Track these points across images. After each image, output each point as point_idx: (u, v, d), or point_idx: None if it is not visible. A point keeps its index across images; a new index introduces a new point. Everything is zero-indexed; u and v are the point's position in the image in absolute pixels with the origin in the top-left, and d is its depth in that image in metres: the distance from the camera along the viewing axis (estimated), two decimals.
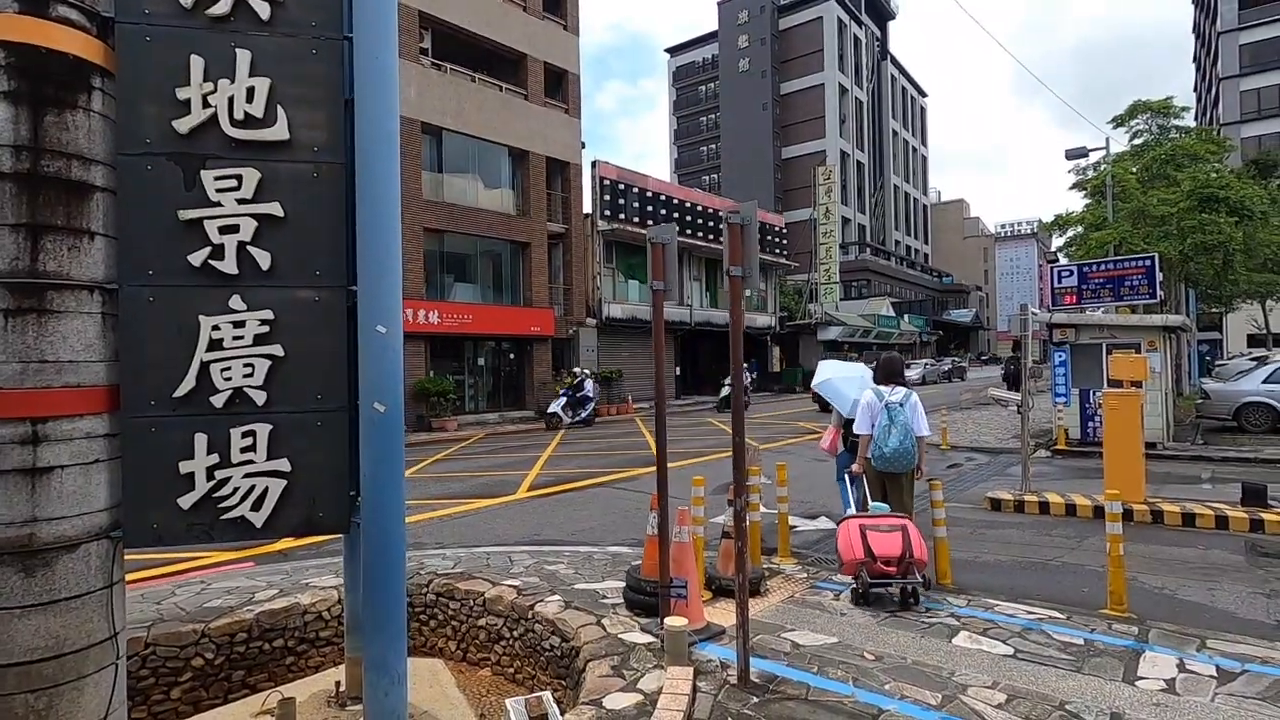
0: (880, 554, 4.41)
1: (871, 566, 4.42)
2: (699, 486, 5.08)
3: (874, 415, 5.20)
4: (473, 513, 8.17)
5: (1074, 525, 6.92)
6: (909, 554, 4.39)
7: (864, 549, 4.45)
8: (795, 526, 7.20)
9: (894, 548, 4.41)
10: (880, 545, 4.44)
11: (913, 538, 4.48)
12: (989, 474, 10.36)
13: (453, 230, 21.54)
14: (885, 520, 4.64)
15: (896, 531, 4.50)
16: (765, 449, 13.46)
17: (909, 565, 4.39)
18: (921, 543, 4.54)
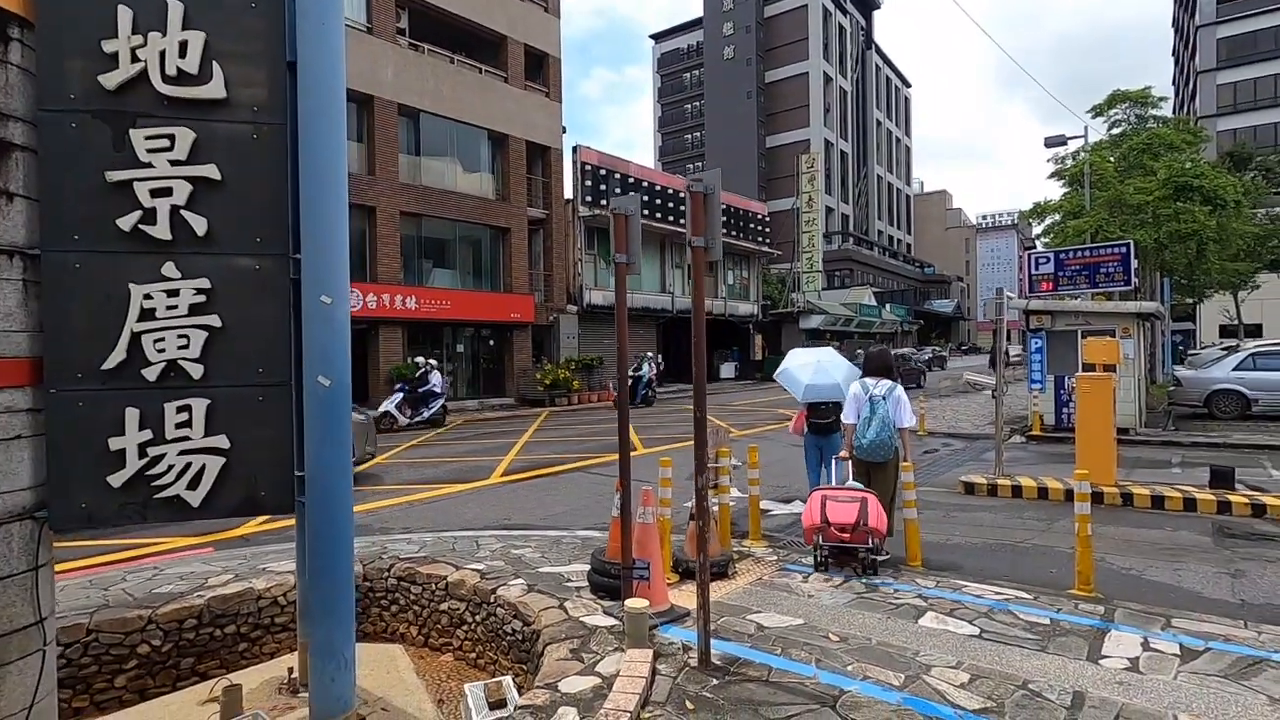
0: (835, 521, 4.64)
1: (827, 532, 4.67)
2: (666, 468, 4.98)
3: (859, 406, 5.41)
4: (444, 498, 8.03)
5: (1045, 508, 6.93)
6: (863, 523, 4.58)
7: (821, 516, 4.70)
8: (769, 510, 7.16)
9: (849, 516, 4.62)
10: (836, 514, 4.67)
11: (870, 509, 4.64)
12: (964, 459, 10.40)
13: (431, 214, 21.21)
14: (846, 492, 4.84)
15: (855, 503, 4.70)
16: (743, 435, 13.45)
17: (863, 533, 4.59)
18: (880, 514, 4.69)
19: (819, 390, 6.55)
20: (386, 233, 19.84)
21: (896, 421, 5.29)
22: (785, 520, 6.85)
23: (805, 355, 7.03)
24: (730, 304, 34.07)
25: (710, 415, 13.16)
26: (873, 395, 5.34)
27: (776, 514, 7.10)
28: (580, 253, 26.25)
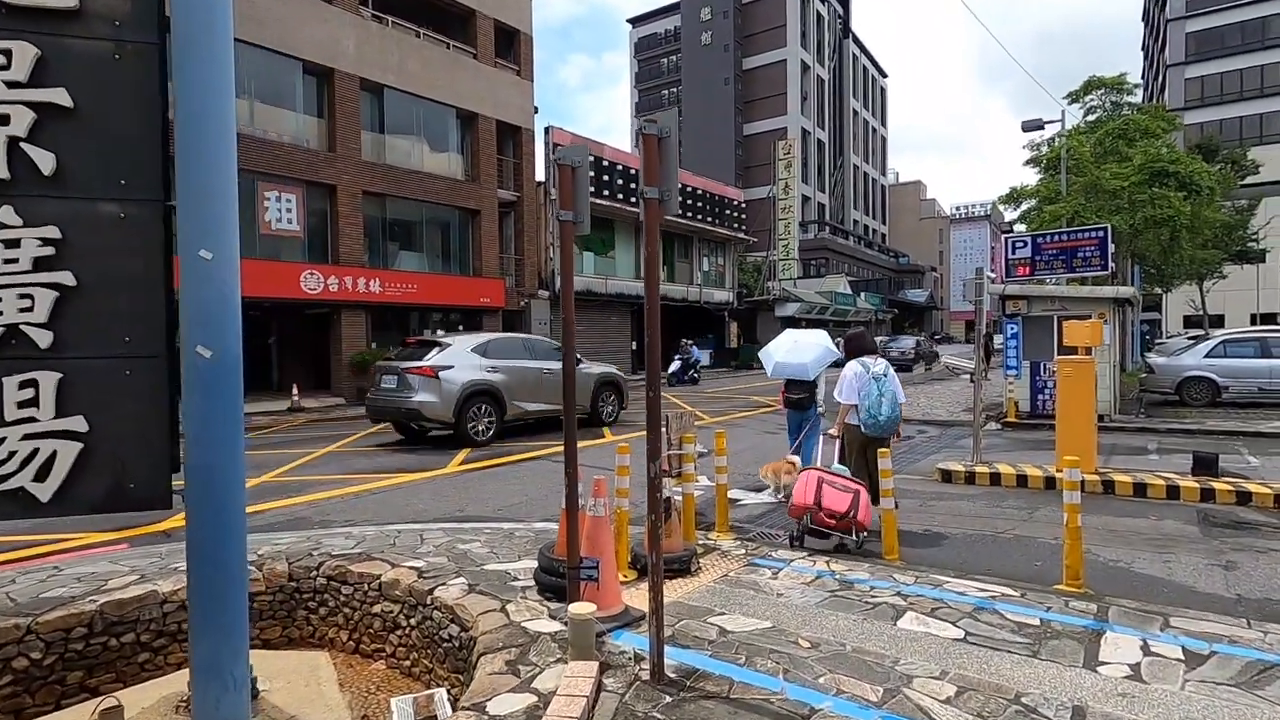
0: (827, 507, 4.77)
1: (816, 515, 4.79)
2: (625, 454, 4.56)
3: (862, 386, 5.53)
4: (395, 488, 7.54)
5: (1025, 496, 6.67)
6: (854, 513, 4.75)
7: (815, 498, 4.81)
8: (738, 500, 6.80)
9: (842, 504, 4.76)
10: (830, 500, 4.78)
11: (861, 501, 4.80)
12: (940, 446, 10.16)
13: (396, 195, 20.47)
14: (843, 480, 4.94)
15: (850, 493, 4.83)
16: (717, 422, 13.10)
17: (850, 523, 4.76)
18: (868, 509, 4.84)
19: (787, 368, 7.16)
20: (348, 213, 19.08)
21: (900, 397, 5.58)
22: (756, 510, 6.49)
23: (791, 335, 7.62)
24: (705, 291, 33.72)
25: (679, 401, 12.82)
26: (875, 375, 5.50)
27: (746, 503, 6.74)
28: (553, 236, 25.63)
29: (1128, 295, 11.62)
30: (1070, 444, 6.83)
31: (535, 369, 11.39)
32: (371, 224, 20.20)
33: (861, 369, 5.55)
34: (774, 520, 6.10)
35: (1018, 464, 7.63)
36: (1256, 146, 41.72)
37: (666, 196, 2.78)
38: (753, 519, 6.17)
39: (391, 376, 10.38)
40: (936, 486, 7.30)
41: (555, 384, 10.93)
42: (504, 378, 10.79)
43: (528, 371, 11.28)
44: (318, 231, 19.04)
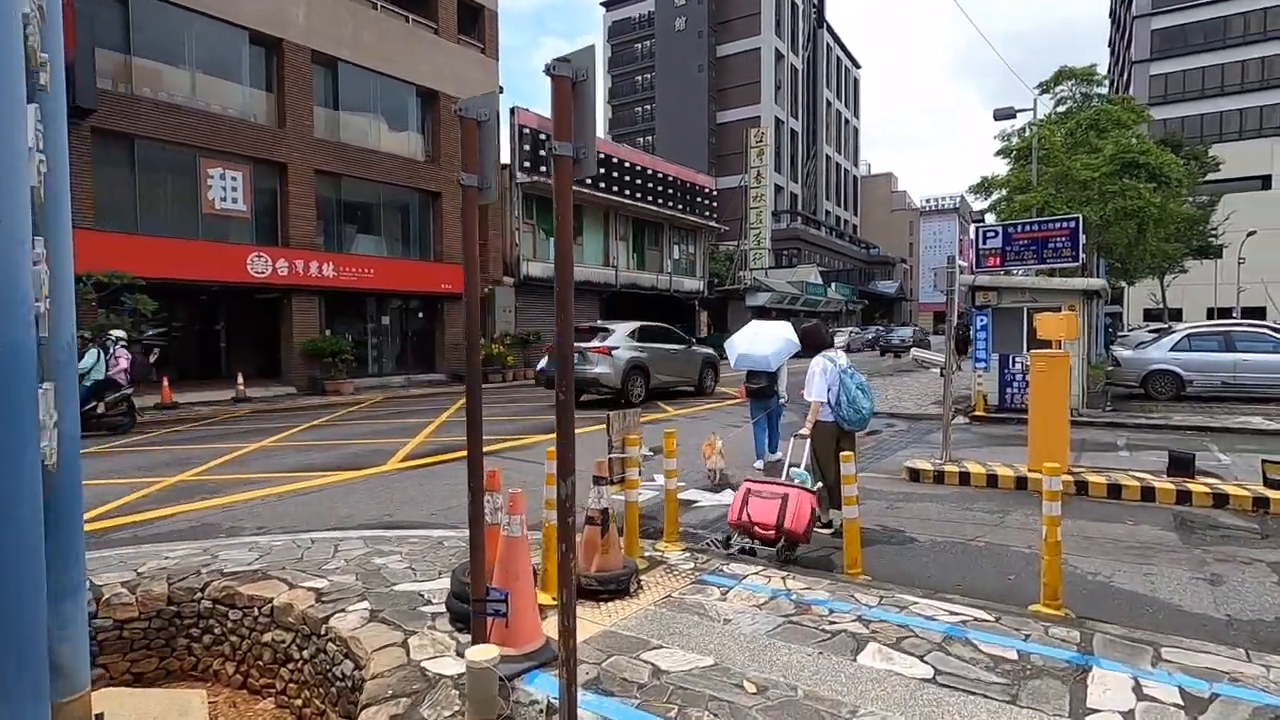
0: (756, 520, 4.47)
1: (751, 530, 4.52)
2: (553, 460, 4.02)
3: (831, 381, 5.35)
4: (323, 488, 6.93)
5: (996, 498, 6.32)
6: (781, 525, 4.38)
7: (742, 513, 4.53)
8: (694, 502, 6.35)
9: (768, 516, 4.43)
10: (758, 512, 4.48)
11: (789, 508, 4.39)
12: (908, 441, 9.84)
13: (351, 175, 19.56)
14: (770, 488, 4.60)
15: (776, 500, 4.47)
16: (681, 414, 12.66)
17: (783, 534, 4.42)
18: (802, 515, 4.41)
19: (749, 359, 7.36)
20: (300, 192, 18.15)
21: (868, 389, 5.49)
22: (712, 514, 6.04)
23: (754, 327, 7.83)
24: (676, 279, 33.26)
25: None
26: (843, 369, 5.38)
27: (702, 505, 6.29)
28: (518, 221, 24.93)
29: (1098, 287, 11.43)
30: (1044, 442, 6.50)
31: (668, 349, 14.92)
32: (325, 205, 19.29)
33: (829, 363, 5.38)
34: None
35: (987, 462, 7.30)
36: (1216, 144, 42.58)
37: (582, 155, 2.26)
38: (707, 524, 5.71)
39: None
40: (904, 486, 6.94)
41: (683, 361, 15.38)
42: (649, 356, 14.11)
43: (663, 351, 14.74)
44: (267, 212, 18.10)
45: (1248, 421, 10.21)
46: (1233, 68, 51.97)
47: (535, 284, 25.38)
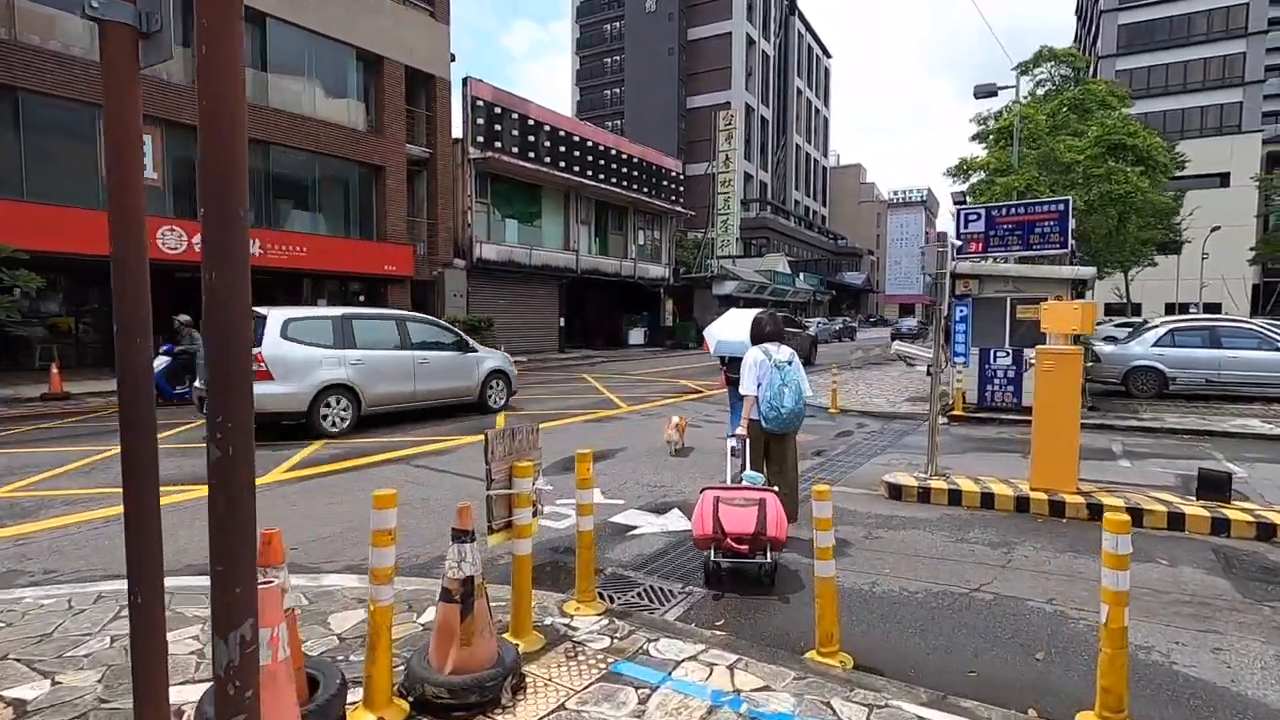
0: (731, 530, 3.94)
1: (722, 543, 3.99)
2: (387, 509, 2.76)
3: (762, 374, 4.92)
4: (171, 510, 5.56)
5: (994, 523, 5.25)
6: (762, 531, 3.92)
7: (714, 524, 3.96)
8: (632, 528, 5.15)
9: (747, 525, 3.93)
10: (732, 521, 3.94)
11: (769, 514, 3.96)
12: (883, 444, 8.80)
13: (281, 143, 17.83)
14: (742, 494, 4.11)
15: (752, 506, 3.99)
16: (633, 411, 11.45)
17: (762, 543, 3.97)
18: (781, 519, 4.01)
19: (726, 345, 7.02)
20: None
21: (804, 389, 4.97)
22: (654, 545, 4.84)
23: (733, 313, 7.47)
24: (640, 266, 31.99)
25: (594, 381, 10.96)
26: (778, 362, 4.91)
27: (643, 533, 5.10)
28: (471, 200, 23.37)
29: (1087, 276, 10.54)
30: (1049, 454, 5.45)
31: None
32: (251, 176, 17.45)
33: (763, 356, 4.97)
34: (676, 562, 4.47)
35: (980, 477, 6.24)
36: (1180, 141, 42.77)
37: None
38: (645, 560, 4.52)
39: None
40: (883, 505, 5.84)
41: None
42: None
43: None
44: (183, 182, 16.33)
45: (1246, 425, 9.41)
46: (1195, 65, 52.41)
47: (490, 267, 23.89)
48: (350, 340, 9.22)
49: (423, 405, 10.10)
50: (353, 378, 9.02)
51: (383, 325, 10.06)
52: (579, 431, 9.40)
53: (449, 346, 10.66)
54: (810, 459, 7.91)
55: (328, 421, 8.76)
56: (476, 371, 10.89)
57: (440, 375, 10.27)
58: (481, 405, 10.92)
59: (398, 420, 9.90)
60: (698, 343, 34.77)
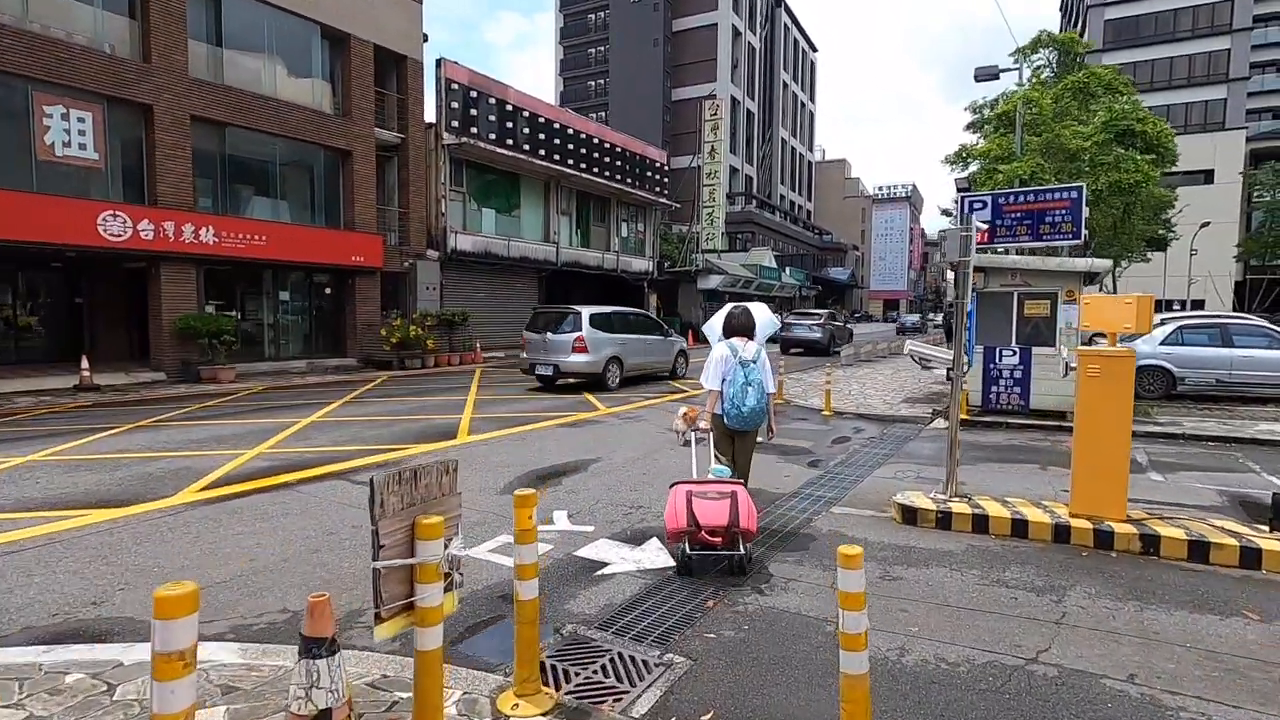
0: (705, 523, 4.02)
1: (695, 536, 4.07)
2: (173, 621, 1.82)
3: (727, 371, 4.84)
4: (44, 542, 4.59)
5: (1032, 558, 4.43)
6: (735, 524, 4.02)
7: (689, 517, 4.03)
8: (605, 565, 4.27)
9: (720, 517, 4.03)
10: (706, 514, 4.04)
11: (741, 507, 4.08)
12: (884, 453, 7.99)
13: (240, 125, 16.66)
14: (714, 487, 4.22)
15: (725, 499, 4.10)
16: (612, 413, 10.56)
17: (735, 535, 4.05)
18: (751, 511, 4.15)
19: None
20: (171, 142, 15.24)
21: (767, 387, 4.87)
22: (627, 589, 3.96)
23: (731, 307, 7.35)
24: (623, 259, 31.04)
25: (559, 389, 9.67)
26: (743, 359, 4.82)
27: (615, 571, 4.21)
28: (445, 188, 22.29)
29: (1104, 269, 9.79)
30: (1093, 473, 4.64)
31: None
32: (206, 159, 16.38)
33: (729, 352, 4.87)
34: (654, 614, 3.59)
35: (1008, 500, 5.42)
36: None
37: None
38: (614, 613, 3.63)
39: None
40: (897, 532, 5.01)
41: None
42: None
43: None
44: (129, 164, 15.16)
45: (1273, 430, 8.71)
46: (1180, 61, 52.33)
47: (466, 259, 22.84)
48: (616, 328, 13.80)
49: (646, 373, 14.97)
50: (620, 353, 13.51)
51: (631, 318, 14.84)
52: (550, 438, 8.50)
53: (658, 333, 15.41)
54: (806, 469, 7.09)
55: (609, 380, 13.21)
56: (673, 351, 15.74)
57: (656, 352, 15.21)
58: (673, 374, 15.71)
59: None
60: (683, 337, 33.91)
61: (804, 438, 8.86)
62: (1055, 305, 9.83)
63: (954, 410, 5.39)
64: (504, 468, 6.85)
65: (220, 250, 15.95)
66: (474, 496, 5.76)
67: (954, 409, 5.39)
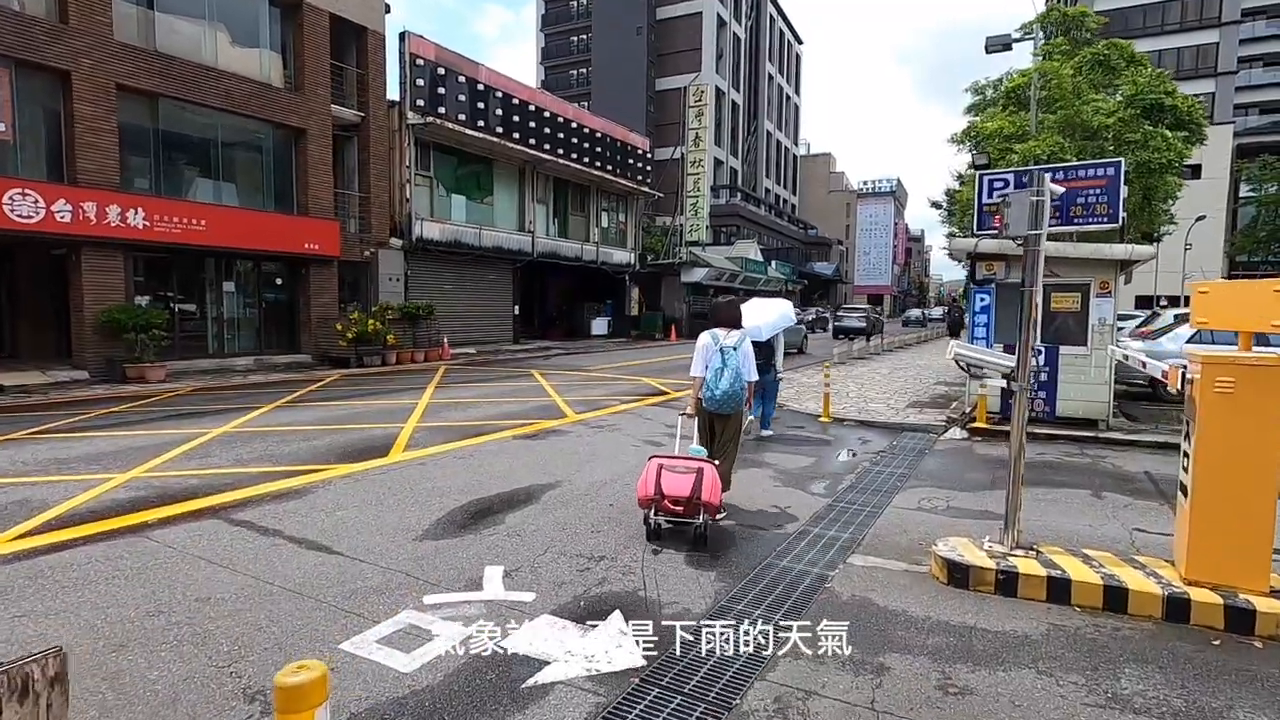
0: (669, 493, 4.41)
1: (660, 504, 4.44)
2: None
3: (708, 358, 5.18)
4: None
5: (1146, 649, 3.16)
6: (697, 496, 4.37)
7: (655, 487, 4.44)
8: (542, 667, 2.91)
9: (683, 489, 4.40)
10: (671, 485, 4.43)
11: (705, 480, 4.43)
12: (899, 472, 6.72)
13: (175, 96, 15.03)
14: (684, 462, 4.57)
15: (690, 474, 4.46)
16: (581, 419, 9.21)
17: (696, 506, 4.39)
18: (716, 486, 4.49)
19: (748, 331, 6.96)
20: (92, 113, 13.60)
21: (744, 374, 5.11)
22: (571, 714, 2.62)
23: (752, 303, 8.09)
24: (603, 250, 29.62)
25: (548, 384, 8.47)
26: (723, 346, 5.13)
27: (551, 680, 2.87)
28: (411, 172, 20.74)
29: (1147, 256, 8.59)
30: (1220, 529, 3.37)
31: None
32: (136, 134, 14.76)
33: (711, 340, 5.21)
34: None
35: (1082, 548, 4.15)
36: None
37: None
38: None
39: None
40: (944, 599, 3.72)
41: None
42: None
43: None
44: (44, 137, 13.52)
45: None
46: (1169, 54, 51.72)
47: (433, 248, 21.32)
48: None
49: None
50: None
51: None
52: (503, 454, 7.14)
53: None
54: (809, 496, 5.80)
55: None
56: (804, 331, 20.58)
57: (796, 333, 19.58)
58: (800, 350, 20.39)
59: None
60: (666, 334, 32.65)
61: (802, 452, 7.58)
62: (1087, 298, 8.63)
63: (1017, 430, 4.11)
64: (436, 496, 5.48)
65: (153, 235, 14.34)
66: (384, 543, 4.40)
67: (1017, 428, 4.11)
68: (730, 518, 5.10)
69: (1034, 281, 4.04)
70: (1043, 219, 3.91)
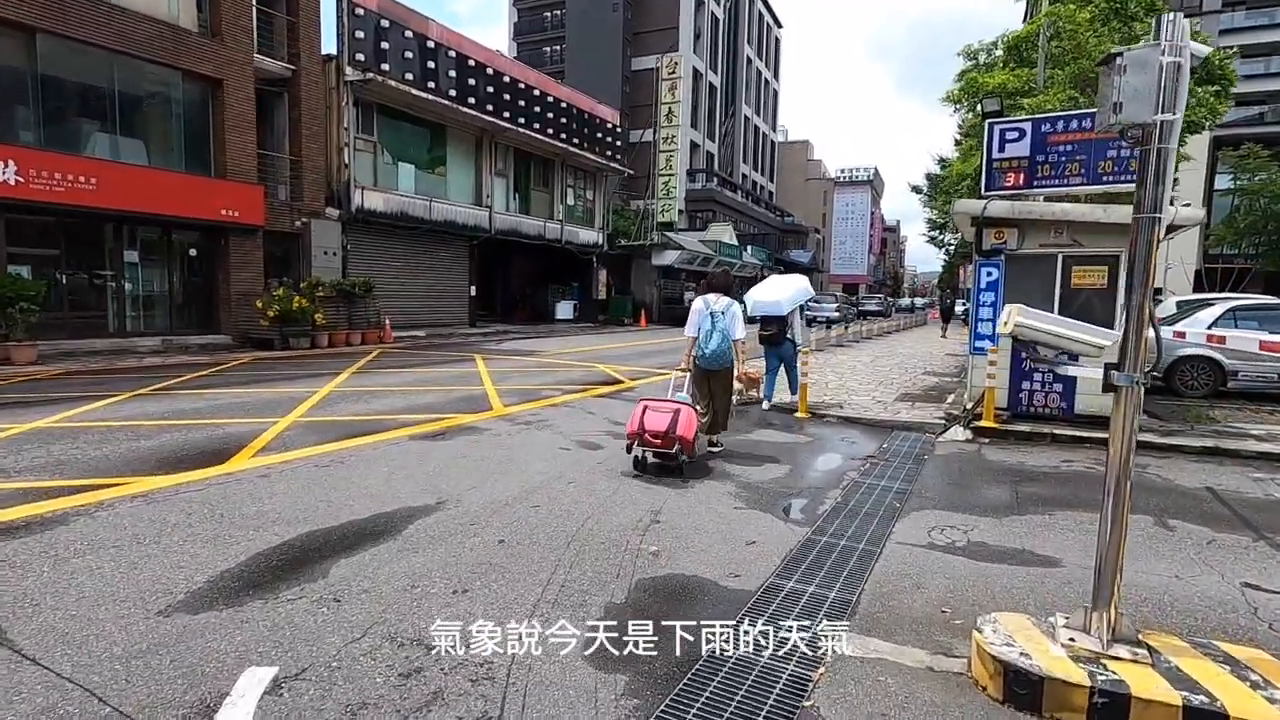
0: (649, 429, 5.11)
1: (642, 438, 5.15)
2: None
3: (700, 321, 5.95)
4: None
5: None
6: (672, 431, 5.08)
7: (639, 424, 5.15)
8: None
9: (662, 425, 5.11)
10: (651, 422, 5.15)
11: (680, 419, 5.16)
12: (897, 488, 5.20)
13: (57, 32, 12.93)
14: (665, 404, 5.31)
15: (669, 413, 5.18)
16: (507, 415, 7.55)
17: (672, 440, 5.09)
18: (690, 423, 5.21)
19: (762, 305, 8.26)
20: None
21: (731, 334, 5.88)
22: None
23: (773, 279, 8.81)
24: (568, 229, 27.81)
25: (487, 371, 6.54)
26: (713, 310, 5.87)
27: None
28: (350, 135, 18.74)
29: (1195, 220, 7.16)
30: None
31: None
32: (7, 75, 12.64)
33: (703, 305, 5.94)
34: None
35: (1241, 660, 2.65)
36: None
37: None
38: None
39: None
40: None
41: None
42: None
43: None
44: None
45: None
46: None
47: (375, 219, 19.37)
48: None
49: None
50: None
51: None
52: (385, 460, 5.47)
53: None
54: (782, 525, 4.25)
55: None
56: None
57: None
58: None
59: None
60: (635, 319, 31.00)
61: (774, 459, 6.04)
62: (1115, 273, 7.19)
63: (1118, 445, 2.57)
64: (250, 529, 3.82)
65: (27, 194, 12.32)
66: (105, 619, 2.74)
67: (1119, 441, 2.57)
68: (670, 563, 3.54)
69: (1158, 205, 2.50)
70: (1180, 95, 2.38)
